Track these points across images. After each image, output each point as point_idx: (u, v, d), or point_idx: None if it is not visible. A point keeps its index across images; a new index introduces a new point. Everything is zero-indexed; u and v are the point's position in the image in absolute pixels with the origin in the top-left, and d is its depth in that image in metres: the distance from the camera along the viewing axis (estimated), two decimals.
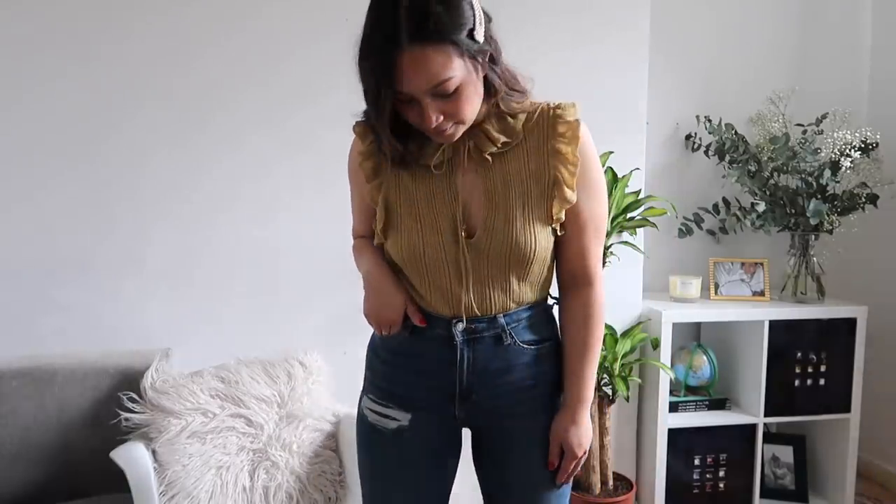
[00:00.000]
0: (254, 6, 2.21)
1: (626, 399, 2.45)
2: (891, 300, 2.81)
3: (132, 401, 1.84)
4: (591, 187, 1.16)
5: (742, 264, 2.70)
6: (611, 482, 2.44)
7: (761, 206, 2.53)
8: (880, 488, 2.85)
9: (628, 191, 2.35)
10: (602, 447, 2.41)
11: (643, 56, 2.47)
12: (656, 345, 2.48)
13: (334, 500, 1.90)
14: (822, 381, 2.58)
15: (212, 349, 2.06)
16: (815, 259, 2.63)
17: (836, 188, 2.58)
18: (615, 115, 2.46)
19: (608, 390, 2.39)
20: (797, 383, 2.58)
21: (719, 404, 2.62)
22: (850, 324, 2.56)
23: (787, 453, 2.72)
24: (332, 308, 2.32)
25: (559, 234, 1.17)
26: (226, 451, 1.83)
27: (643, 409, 2.63)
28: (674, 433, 2.53)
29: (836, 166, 2.49)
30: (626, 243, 2.37)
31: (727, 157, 2.65)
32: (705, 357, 2.62)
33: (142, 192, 2.21)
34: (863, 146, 2.52)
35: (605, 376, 2.38)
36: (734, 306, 2.58)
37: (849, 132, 2.51)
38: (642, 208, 2.39)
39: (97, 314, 2.20)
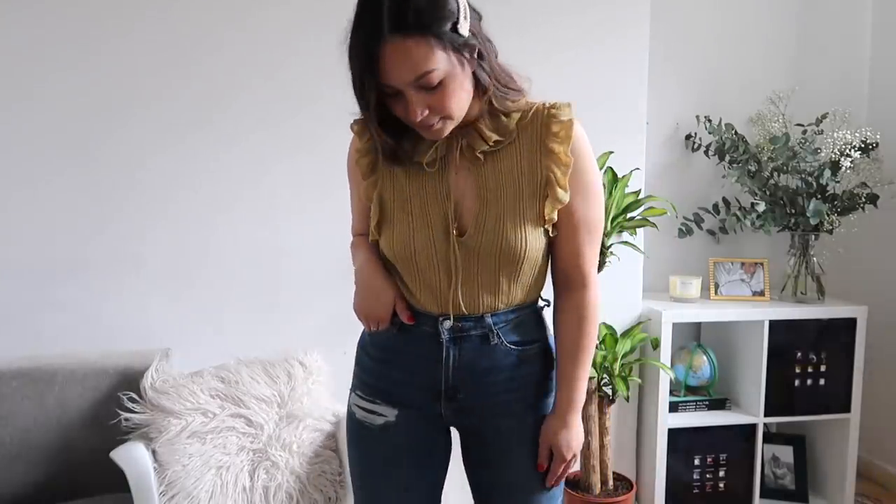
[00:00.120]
0: (253, 6, 2.22)
1: (626, 399, 2.44)
2: (891, 300, 2.81)
3: (132, 401, 1.84)
4: (584, 188, 1.15)
5: (742, 264, 2.70)
6: (611, 482, 2.44)
7: (761, 206, 2.53)
8: (880, 488, 2.85)
9: (628, 191, 2.35)
10: (602, 447, 2.40)
11: (643, 56, 2.47)
12: (656, 345, 2.48)
13: (334, 500, 1.90)
14: (821, 381, 2.58)
15: (212, 349, 2.06)
16: (815, 259, 2.63)
17: (836, 188, 2.58)
18: (615, 115, 2.46)
19: (608, 390, 2.39)
20: (797, 383, 2.58)
21: (719, 404, 2.62)
22: (850, 324, 2.56)
23: (787, 453, 2.72)
24: (332, 308, 2.32)
25: (552, 234, 1.17)
26: (226, 451, 1.83)
27: (643, 409, 2.63)
28: (674, 433, 2.53)
29: (836, 166, 2.49)
30: (626, 243, 2.37)
31: (727, 157, 2.65)
32: (705, 357, 2.62)
33: (142, 192, 2.21)
34: (863, 146, 2.52)
35: (605, 376, 2.38)
36: (734, 306, 2.58)
37: (849, 132, 2.51)
38: (642, 208, 2.39)
39: (97, 314, 2.20)
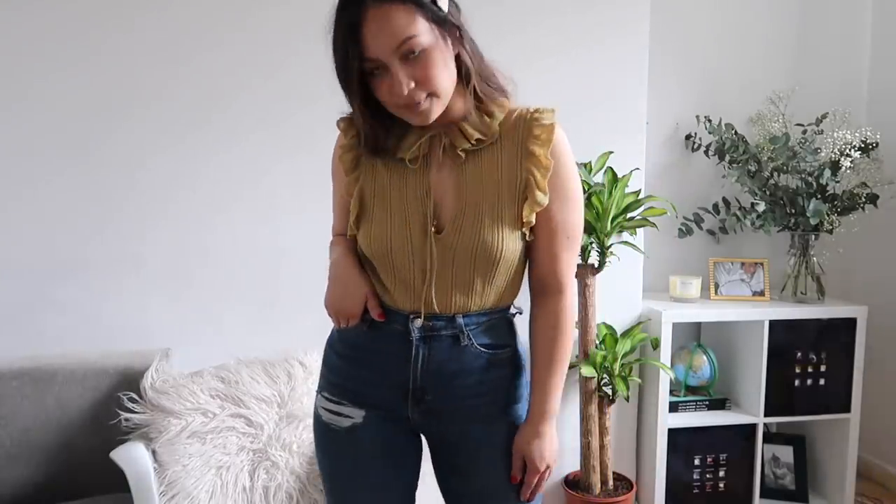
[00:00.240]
0: (253, 6, 2.22)
1: (626, 399, 2.45)
2: (891, 300, 2.81)
3: (132, 401, 1.84)
4: (563, 192, 1.15)
5: (742, 264, 2.70)
6: (611, 482, 2.44)
7: (761, 206, 2.53)
8: (880, 488, 2.85)
9: (628, 191, 2.35)
10: (602, 447, 2.41)
11: (643, 56, 2.47)
12: (656, 345, 2.48)
13: None
14: (821, 381, 2.58)
15: (212, 349, 2.06)
16: (815, 259, 2.63)
17: (836, 188, 2.58)
18: (615, 115, 2.46)
19: (608, 390, 2.39)
20: (797, 383, 2.58)
21: (719, 404, 2.62)
22: (850, 324, 2.56)
23: (787, 453, 2.72)
24: None
25: (528, 238, 1.16)
26: (226, 451, 1.83)
27: (643, 409, 2.63)
28: (674, 433, 2.53)
29: (836, 166, 2.50)
30: (626, 243, 2.37)
31: (727, 157, 2.65)
32: (705, 357, 2.62)
33: (141, 192, 2.21)
34: (863, 146, 2.52)
35: (605, 376, 2.38)
36: (734, 306, 2.58)
37: (849, 132, 2.51)
38: (642, 208, 2.39)
39: (97, 314, 2.20)
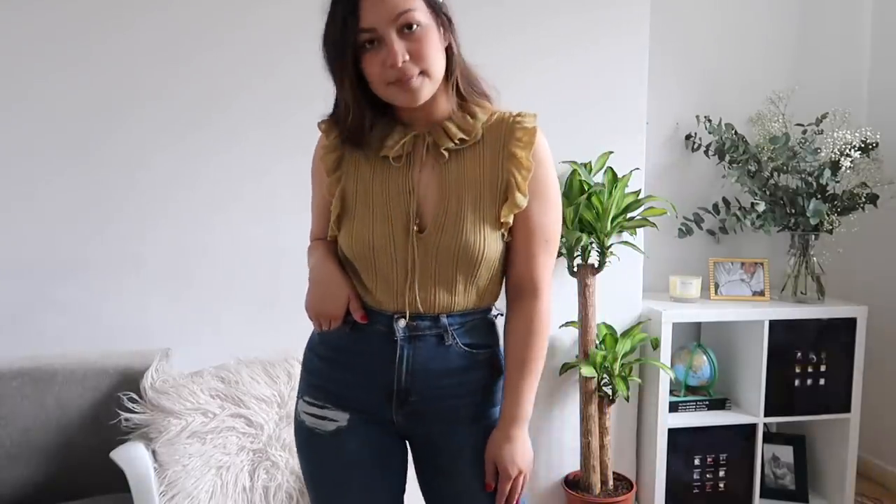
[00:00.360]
0: (254, 4, 2.22)
1: (626, 399, 2.45)
2: (891, 300, 2.81)
3: (132, 401, 1.84)
4: (542, 194, 1.16)
5: (742, 264, 2.70)
6: (611, 482, 2.44)
7: (761, 206, 2.53)
8: (880, 488, 2.85)
9: (628, 191, 2.36)
10: (602, 447, 2.41)
11: (643, 56, 2.47)
12: (656, 345, 2.48)
13: None
14: (822, 381, 2.58)
15: (212, 349, 2.06)
16: (815, 259, 2.63)
17: (836, 188, 2.58)
18: (615, 115, 2.46)
19: (608, 390, 2.39)
20: (797, 383, 2.58)
21: (719, 404, 2.62)
22: (850, 324, 2.56)
23: (787, 453, 2.72)
24: None
25: (506, 239, 1.17)
26: (226, 451, 1.83)
27: (643, 409, 2.63)
28: (674, 433, 2.53)
29: (836, 166, 2.50)
30: (626, 243, 2.37)
31: (727, 157, 2.65)
32: (705, 357, 2.62)
33: (142, 192, 2.21)
34: (863, 146, 2.52)
35: (605, 376, 2.38)
36: (734, 306, 2.58)
37: (849, 132, 2.51)
38: (642, 208, 2.39)
39: (97, 314, 2.20)
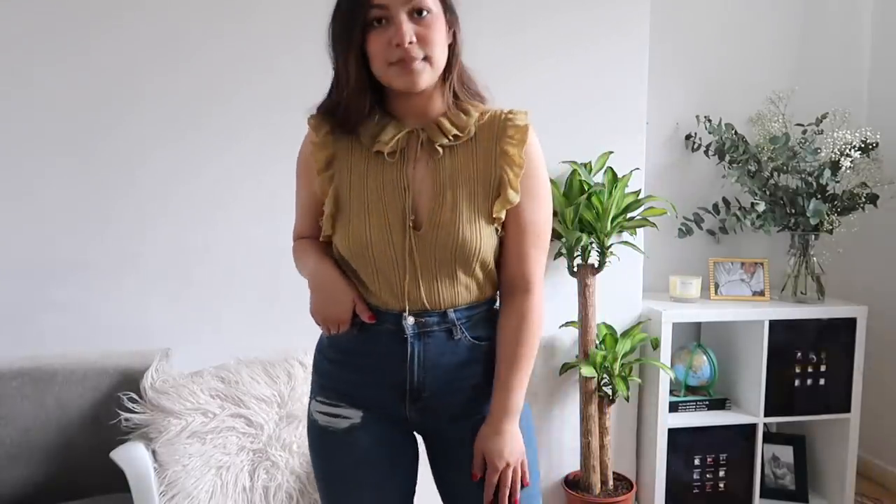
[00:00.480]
0: (253, 1, 2.21)
1: (626, 399, 2.45)
2: (891, 300, 2.81)
3: (132, 401, 1.84)
4: (534, 191, 1.17)
5: (742, 264, 2.70)
6: (611, 482, 2.44)
7: (761, 206, 2.53)
8: (880, 488, 2.85)
9: (628, 191, 2.36)
10: (602, 447, 2.41)
11: (643, 56, 2.47)
12: (656, 345, 2.48)
13: None
14: (822, 381, 2.58)
15: (212, 349, 2.06)
16: (815, 259, 2.63)
17: (836, 188, 2.58)
18: (615, 115, 2.46)
19: (608, 390, 2.39)
20: (797, 383, 2.58)
21: (719, 404, 2.62)
22: (850, 324, 2.56)
23: (787, 453, 2.72)
24: None
25: (499, 234, 1.18)
26: (226, 451, 1.83)
27: (643, 409, 2.63)
28: (674, 433, 2.53)
29: (836, 166, 2.50)
30: (626, 243, 2.37)
31: (727, 157, 2.65)
32: (705, 357, 2.62)
33: (141, 191, 2.21)
34: (863, 146, 2.52)
35: (605, 376, 2.38)
36: (734, 306, 2.58)
37: (849, 132, 2.51)
38: (642, 208, 2.39)
39: (97, 314, 2.20)
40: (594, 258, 2.34)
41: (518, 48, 2.36)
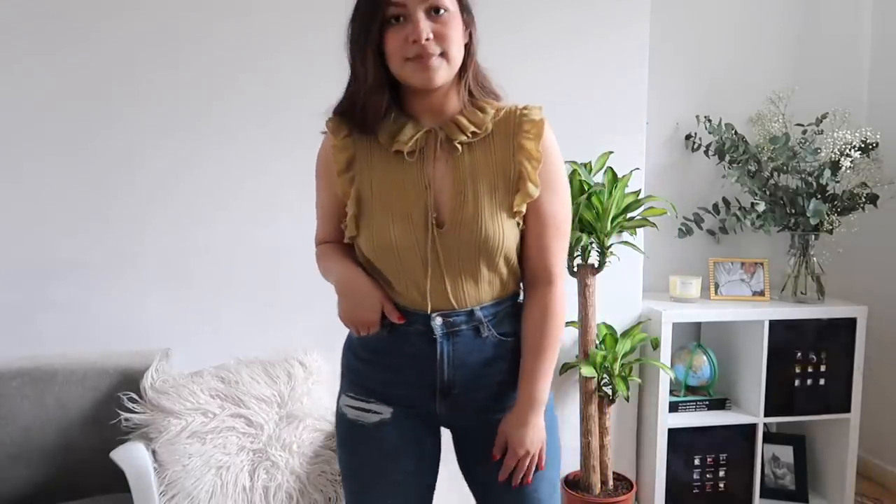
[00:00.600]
0: (253, 1, 2.21)
1: (626, 399, 2.44)
2: (891, 300, 2.81)
3: (132, 401, 1.84)
4: (552, 184, 1.19)
5: (742, 264, 2.70)
6: (611, 482, 2.44)
7: (761, 206, 2.53)
8: (880, 488, 2.85)
9: (628, 191, 2.35)
10: (602, 447, 2.40)
11: (643, 56, 2.47)
12: (656, 345, 2.48)
13: (334, 500, 1.90)
14: (822, 381, 2.58)
15: (212, 349, 2.06)
16: (815, 259, 2.63)
17: (836, 188, 2.58)
18: (615, 115, 2.46)
19: (608, 390, 2.39)
20: (797, 383, 2.58)
21: (719, 404, 2.62)
22: (850, 324, 2.56)
23: (787, 453, 2.72)
24: (332, 308, 2.29)
25: (520, 228, 1.20)
26: (226, 451, 1.83)
27: (643, 409, 2.63)
28: (674, 433, 2.53)
29: (836, 166, 2.50)
30: (626, 243, 2.37)
31: (727, 157, 2.65)
32: (705, 357, 2.62)
33: (140, 191, 2.21)
34: (863, 146, 2.52)
35: (605, 376, 2.38)
36: (734, 306, 2.58)
37: (849, 132, 2.51)
38: (642, 208, 2.38)
39: (97, 314, 2.20)
40: (594, 258, 2.34)
41: (518, 48, 2.36)
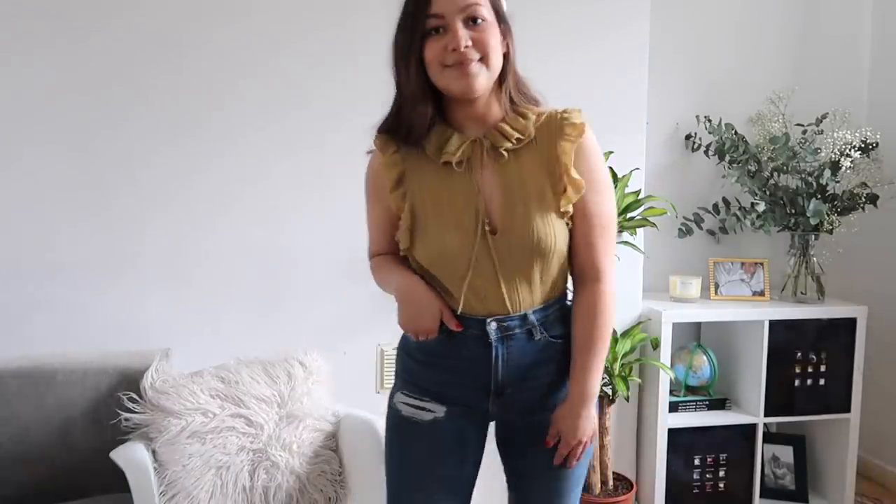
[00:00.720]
0: (255, 2, 2.21)
1: (626, 399, 2.45)
2: (891, 300, 2.81)
3: (132, 401, 1.84)
4: (595, 184, 1.23)
5: (742, 264, 2.70)
6: (611, 482, 2.44)
7: (761, 206, 2.53)
8: (880, 488, 2.85)
9: (628, 191, 2.35)
10: (602, 447, 2.41)
11: (643, 56, 2.47)
12: (656, 345, 2.48)
13: (334, 500, 1.90)
14: (822, 381, 2.58)
15: (212, 349, 2.06)
16: (815, 259, 2.63)
17: (836, 188, 2.58)
18: (615, 115, 2.46)
19: (608, 390, 2.39)
20: (797, 383, 2.58)
21: (719, 404, 2.62)
22: (850, 324, 2.56)
23: (787, 453, 2.72)
24: (332, 308, 2.32)
25: (568, 227, 1.23)
26: (226, 451, 1.83)
27: (643, 409, 2.63)
28: (674, 433, 2.53)
29: (836, 166, 2.50)
30: (626, 243, 2.37)
31: (727, 157, 2.65)
32: (705, 357, 2.62)
33: (141, 192, 2.21)
34: (863, 146, 2.52)
35: (605, 376, 2.38)
36: (734, 306, 2.58)
37: (849, 132, 2.51)
38: (642, 208, 2.39)
39: (97, 314, 2.20)
40: None
41: (517, 48, 2.35)
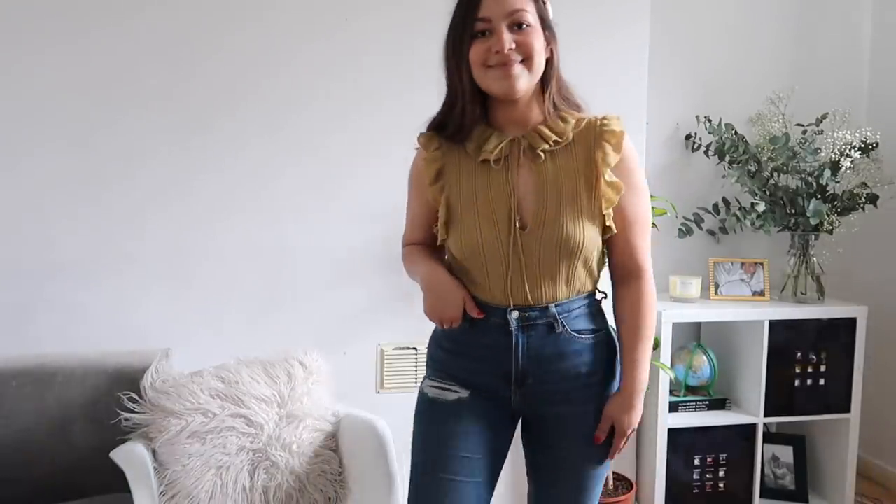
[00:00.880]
0: (256, 6, 2.21)
1: None
2: (891, 300, 2.81)
3: (132, 401, 1.84)
4: (633, 187, 1.30)
5: (742, 264, 2.70)
6: (611, 482, 2.44)
7: (761, 206, 2.53)
8: (880, 488, 2.85)
9: None
10: None
11: (643, 56, 2.47)
12: (656, 345, 2.47)
13: (334, 500, 1.90)
14: (822, 381, 2.58)
15: (212, 349, 2.06)
16: (815, 259, 2.63)
17: (836, 188, 2.58)
18: (615, 114, 2.46)
19: None
20: (797, 383, 2.58)
21: (719, 404, 2.62)
22: (850, 324, 2.56)
23: (787, 453, 2.72)
24: (332, 308, 2.32)
25: (613, 231, 1.28)
26: (226, 451, 1.83)
27: (643, 409, 2.62)
28: (674, 433, 2.53)
29: (836, 166, 2.50)
30: None
31: (727, 157, 2.65)
32: (705, 357, 2.62)
33: (142, 192, 2.21)
34: (863, 146, 2.52)
35: None
36: (734, 306, 2.58)
37: (849, 132, 2.51)
38: None
39: (96, 314, 2.20)
40: None
41: None
